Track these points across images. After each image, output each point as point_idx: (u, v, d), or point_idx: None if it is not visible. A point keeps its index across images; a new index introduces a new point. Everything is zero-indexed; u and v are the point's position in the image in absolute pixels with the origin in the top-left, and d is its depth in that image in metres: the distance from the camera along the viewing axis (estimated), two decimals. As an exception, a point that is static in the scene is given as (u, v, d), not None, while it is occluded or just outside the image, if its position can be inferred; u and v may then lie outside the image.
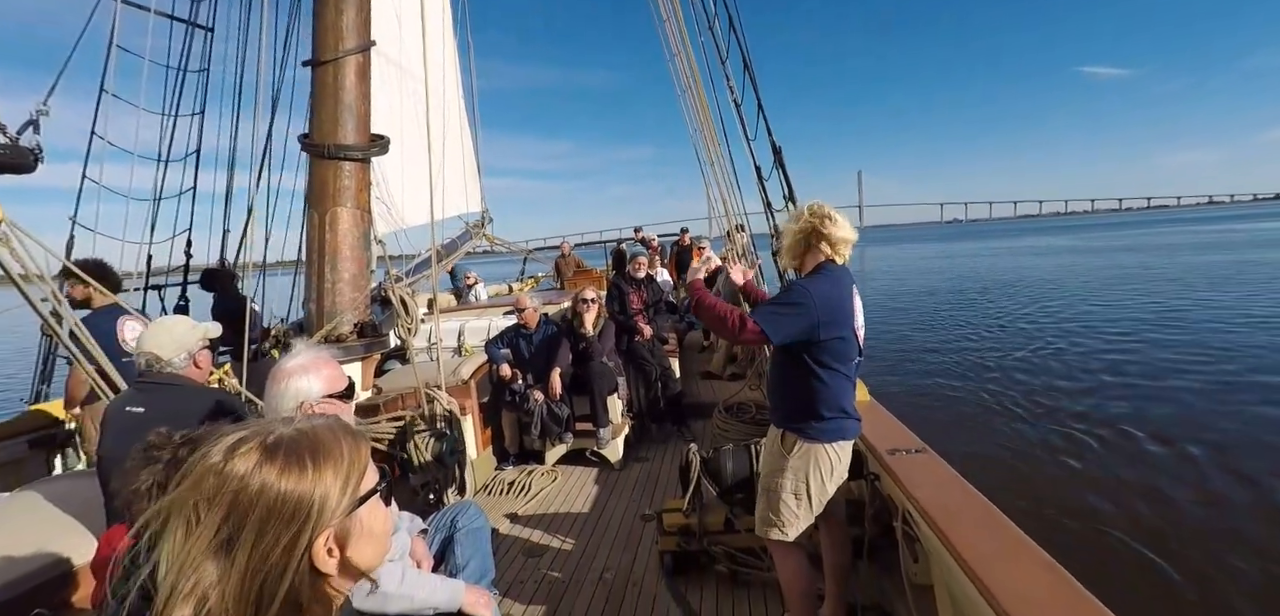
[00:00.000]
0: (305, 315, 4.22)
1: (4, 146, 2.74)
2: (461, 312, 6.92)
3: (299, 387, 1.73)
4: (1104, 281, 20.98)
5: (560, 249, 11.88)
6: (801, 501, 2.25)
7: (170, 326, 2.27)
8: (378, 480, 0.81)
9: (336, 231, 3.88)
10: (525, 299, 5.08)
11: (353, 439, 0.78)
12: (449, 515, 2.24)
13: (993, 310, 16.18)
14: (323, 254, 3.90)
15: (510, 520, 3.80)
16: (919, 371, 10.09)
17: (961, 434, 6.90)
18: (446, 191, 6.78)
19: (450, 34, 7.52)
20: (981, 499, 2.10)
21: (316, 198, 3.89)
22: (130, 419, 2.07)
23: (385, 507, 0.82)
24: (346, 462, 0.75)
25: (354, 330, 4.05)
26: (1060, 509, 4.98)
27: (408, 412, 3.67)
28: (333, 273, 3.91)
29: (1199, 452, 5.95)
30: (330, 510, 0.72)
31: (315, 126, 3.85)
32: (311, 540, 0.71)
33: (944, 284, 24.78)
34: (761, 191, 4.78)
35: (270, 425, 0.75)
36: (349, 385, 1.87)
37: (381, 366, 4.84)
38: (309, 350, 1.85)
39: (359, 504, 0.76)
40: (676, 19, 4.96)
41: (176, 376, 2.18)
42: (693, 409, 5.54)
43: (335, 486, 0.73)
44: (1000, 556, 1.74)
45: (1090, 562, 4.11)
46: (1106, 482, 5.42)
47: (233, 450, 0.71)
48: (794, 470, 2.24)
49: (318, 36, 3.81)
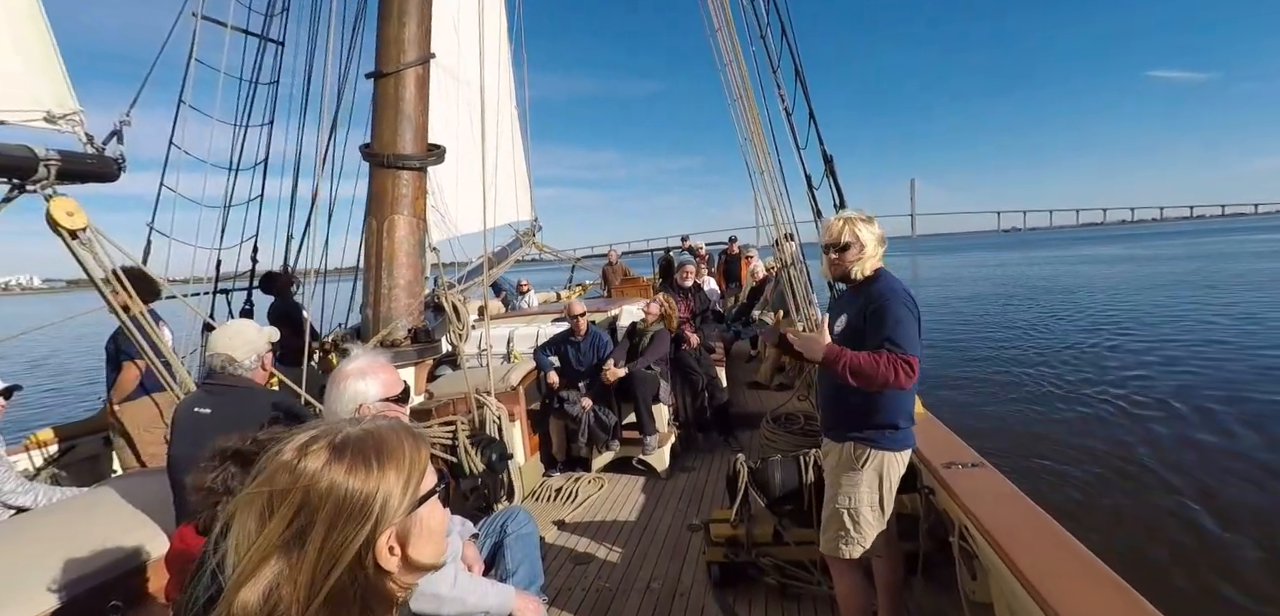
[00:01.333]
0: (362, 320, 4.37)
1: (92, 156, 2.93)
2: (511, 319, 7.03)
3: (357, 390, 1.78)
4: (1165, 291, 19.99)
5: (607, 257, 11.96)
6: (877, 514, 2.21)
7: (243, 330, 2.38)
8: (436, 481, 0.83)
9: (393, 238, 4.00)
10: (577, 305, 5.12)
11: (414, 440, 0.80)
12: (499, 520, 2.26)
13: (1049, 321, 15.65)
14: (380, 260, 4.02)
15: (557, 527, 3.81)
16: (973, 383, 9.72)
17: (1020, 448, 6.59)
18: (499, 200, 6.92)
19: (505, 46, 7.69)
20: (1044, 515, 2.02)
21: (375, 205, 4.03)
22: (198, 419, 2.17)
23: (443, 508, 0.83)
24: (408, 463, 0.77)
25: (408, 335, 4.16)
26: (1135, 530, 4.69)
27: (458, 418, 3.74)
28: (389, 279, 4.03)
29: None
30: (393, 508, 0.74)
31: (376, 136, 3.99)
32: (376, 537, 0.72)
33: (995, 292, 24.07)
34: (811, 200, 4.69)
35: (337, 425, 0.77)
36: (405, 389, 1.91)
37: (434, 371, 4.96)
38: (367, 354, 1.91)
39: (419, 503, 0.78)
40: (728, 28, 4.93)
41: (242, 378, 2.28)
42: (740, 419, 5.47)
43: (397, 485, 0.75)
44: (1065, 574, 1.67)
45: (1165, 585, 3.88)
46: (1180, 502, 5.08)
47: (304, 448, 0.73)
48: (869, 483, 2.19)
49: (380, 50, 3.95)
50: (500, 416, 3.80)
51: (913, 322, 2.09)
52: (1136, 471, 5.84)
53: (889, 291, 2.15)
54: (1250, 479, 5.49)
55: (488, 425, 3.73)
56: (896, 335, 2.03)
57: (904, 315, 2.07)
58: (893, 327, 2.05)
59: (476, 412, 3.71)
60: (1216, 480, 5.49)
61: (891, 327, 2.05)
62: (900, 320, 2.06)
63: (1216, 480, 5.49)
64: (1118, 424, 7.20)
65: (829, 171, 4.62)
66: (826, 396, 2.33)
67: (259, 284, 6.04)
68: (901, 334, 2.03)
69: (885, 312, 2.08)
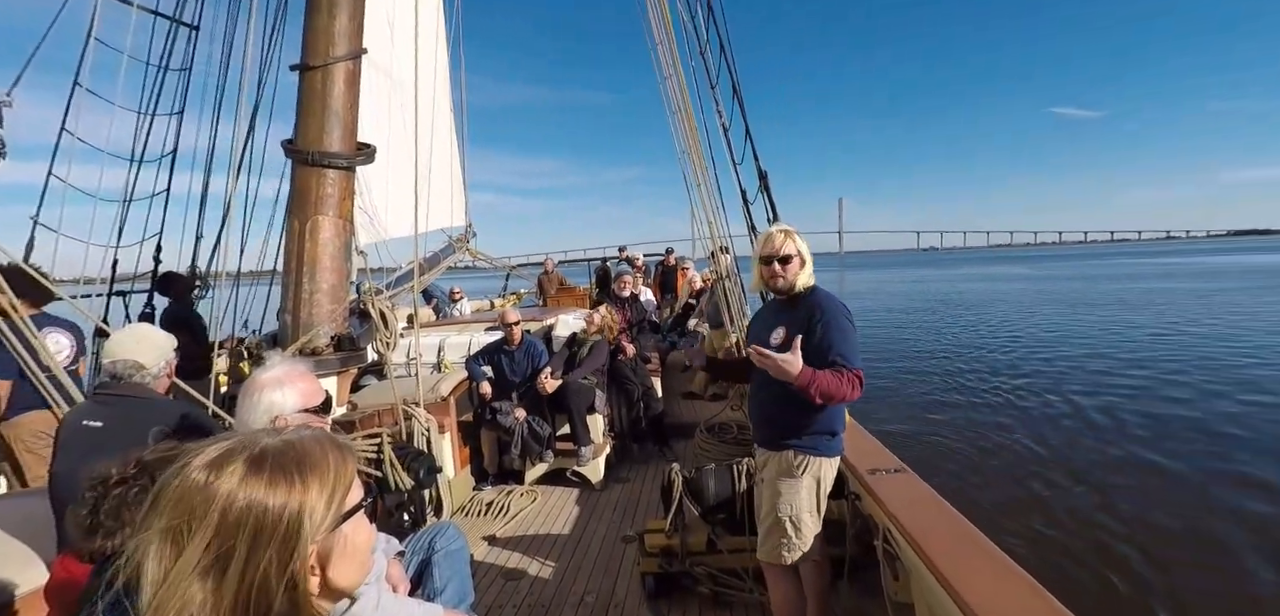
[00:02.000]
0: (280, 326, 4.11)
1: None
2: (442, 327, 6.82)
3: (273, 400, 1.67)
4: (1058, 306, 22.37)
5: (543, 266, 11.83)
6: (815, 519, 2.26)
7: (150, 334, 2.17)
8: (363, 495, 0.77)
9: (317, 241, 3.79)
10: (512, 313, 5.02)
11: (339, 451, 0.75)
12: (426, 536, 2.16)
13: (961, 332, 17.06)
14: (301, 263, 3.81)
15: (488, 542, 3.71)
16: (896, 391, 10.29)
17: (938, 452, 7.04)
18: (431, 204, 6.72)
19: (443, 47, 7.50)
20: (960, 517, 2.14)
21: (298, 205, 3.80)
22: (88, 434, 1.95)
23: (369, 525, 0.78)
24: (333, 475, 0.72)
25: (331, 343, 3.95)
26: (1040, 526, 5.08)
27: (384, 430, 3.58)
28: (311, 283, 3.81)
29: (1166, 463, 6.31)
30: (316, 525, 0.69)
31: (300, 132, 3.78)
32: (298, 556, 0.67)
33: (917, 306, 25.68)
34: (746, 214, 4.80)
35: (254, 437, 0.71)
36: (326, 399, 1.81)
37: (358, 381, 4.73)
38: (285, 362, 1.79)
39: (345, 519, 0.73)
40: (669, 43, 5.00)
41: (143, 388, 2.08)
42: (675, 429, 5.51)
43: (321, 500, 0.69)
44: (980, 573, 1.76)
45: (1065, 577, 4.22)
46: (1077, 498, 5.58)
47: (217, 465, 0.67)
48: (808, 489, 2.24)
49: (307, 41, 3.75)
50: (429, 428, 3.67)
51: (855, 335, 2.17)
52: (1036, 468, 6.38)
53: (832, 307, 2.20)
54: (1132, 473, 6.17)
55: (416, 437, 3.59)
56: (846, 350, 2.11)
57: (849, 329, 2.16)
58: (842, 343, 2.12)
59: (404, 424, 3.56)
60: (1103, 474, 6.13)
61: (841, 343, 2.12)
62: (847, 335, 2.14)
63: (1103, 474, 6.13)
64: (1020, 427, 7.85)
65: (763, 187, 4.74)
66: (763, 407, 2.36)
67: (154, 285, 5.56)
68: (850, 348, 2.12)
69: (832, 328, 2.14)
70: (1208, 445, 6.80)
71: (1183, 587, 4.20)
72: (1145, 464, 6.37)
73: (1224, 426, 7.36)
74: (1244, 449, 6.61)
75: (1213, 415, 7.82)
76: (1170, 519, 5.11)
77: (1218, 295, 23.05)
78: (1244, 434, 7.08)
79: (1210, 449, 6.67)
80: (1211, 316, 17.17)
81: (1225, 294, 23.41)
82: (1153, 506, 5.35)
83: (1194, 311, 18.45)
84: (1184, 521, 5.06)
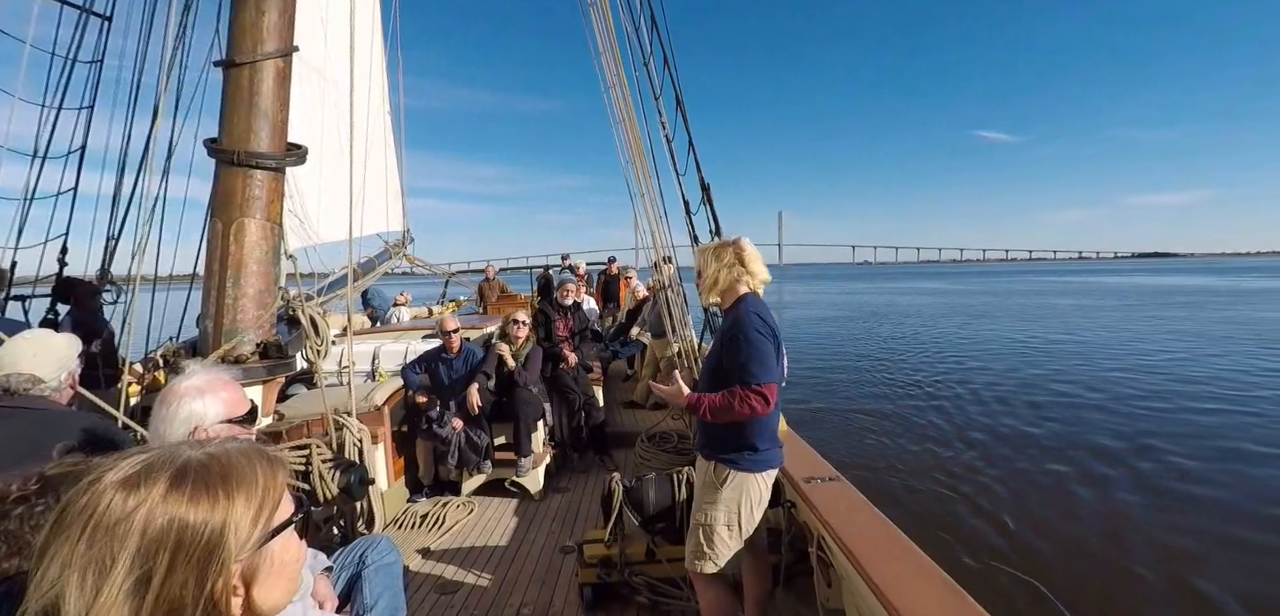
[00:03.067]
0: (200, 333, 3.90)
1: None
2: (378, 335, 6.61)
3: (193, 411, 1.58)
4: (977, 318, 24.75)
5: (484, 272, 11.62)
6: (733, 532, 2.27)
7: (50, 341, 2.00)
8: (293, 510, 0.74)
9: (242, 244, 3.61)
10: (451, 320, 4.92)
11: (268, 464, 0.72)
12: (357, 550, 2.10)
13: (891, 341, 18.39)
14: (225, 267, 3.62)
15: (423, 555, 3.62)
16: (831, 398, 10.73)
17: (872, 459, 7.37)
18: (366, 208, 6.51)
19: (379, 47, 7.29)
20: (889, 524, 2.21)
21: (222, 206, 3.62)
22: None
23: (299, 541, 0.76)
24: (262, 489, 0.69)
25: (256, 350, 3.77)
26: (961, 532, 5.38)
27: (313, 440, 3.44)
28: (235, 288, 3.63)
29: (1081, 463, 6.99)
30: (241, 543, 0.65)
31: (226, 131, 3.60)
32: (219, 576, 0.64)
33: (852, 317, 27.07)
34: (689, 225, 4.88)
35: (175, 450, 0.68)
36: (251, 408, 1.73)
37: (285, 391, 4.53)
38: (206, 370, 1.71)
39: (273, 535, 0.70)
40: (613, 53, 5.03)
41: (42, 400, 1.93)
42: (616, 438, 5.52)
43: (247, 517, 0.66)
44: (907, 579, 1.84)
45: (986, 581, 4.49)
46: (1000, 505, 5.95)
47: (134, 481, 0.63)
48: (727, 502, 2.25)
49: (234, 36, 3.57)
50: (362, 438, 3.55)
51: (766, 347, 2.16)
52: (957, 469, 6.86)
53: (744, 322, 2.21)
54: (1042, 474, 6.75)
55: (347, 448, 3.46)
56: (749, 365, 2.12)
57: (757, 343, 2.15)
58: (746, 358, 2.14)
59: (334, 434, 3.44)
60: (1016, 479, 6.61)
61: (744, 358, 2.14)
62: (753, 351, 2.14)
63: (1016, 479, 6.61)
64: (938, 429, 8.48)
65: (706, 198, 4.84)
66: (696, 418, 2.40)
67: (53, 291, 5.15)
68: (754, 363, 2.12)
69: (737, 344, 2.17)
70: (1075, 438, 7.92)
71: (1061, 569, 4.74)
72: (1042, 456, 7.27)
73: (1093, 419, 8.77)
74: (1108, 438, 7.82)
75: (1081, 414, 9.15)
76: (1046, 508, 5.89)
77: (1100, 311, 26.39)
78: (1107, 426, 8.35)
79: (1077, 442, 7.73)
80: (1089, 329, 19.83)
81: (1104, 311, 26.55)
82: (1027, 497, 6.13)
83: (1076, 323, 21.77)
84: (1058, 508, 5.87)
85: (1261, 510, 5.61)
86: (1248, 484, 6.26)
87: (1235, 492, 6.06)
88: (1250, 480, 6.35)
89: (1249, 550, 4.91)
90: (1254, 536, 5.11)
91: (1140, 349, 15.05)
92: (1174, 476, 6.52)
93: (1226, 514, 5.58)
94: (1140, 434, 7.93)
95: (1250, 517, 5.46)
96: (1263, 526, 5.27)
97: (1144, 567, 4.73)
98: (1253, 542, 5.02)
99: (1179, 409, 9.16)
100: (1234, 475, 6.48)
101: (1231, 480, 6.34)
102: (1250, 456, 7.00)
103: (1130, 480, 6.46)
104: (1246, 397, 9.65)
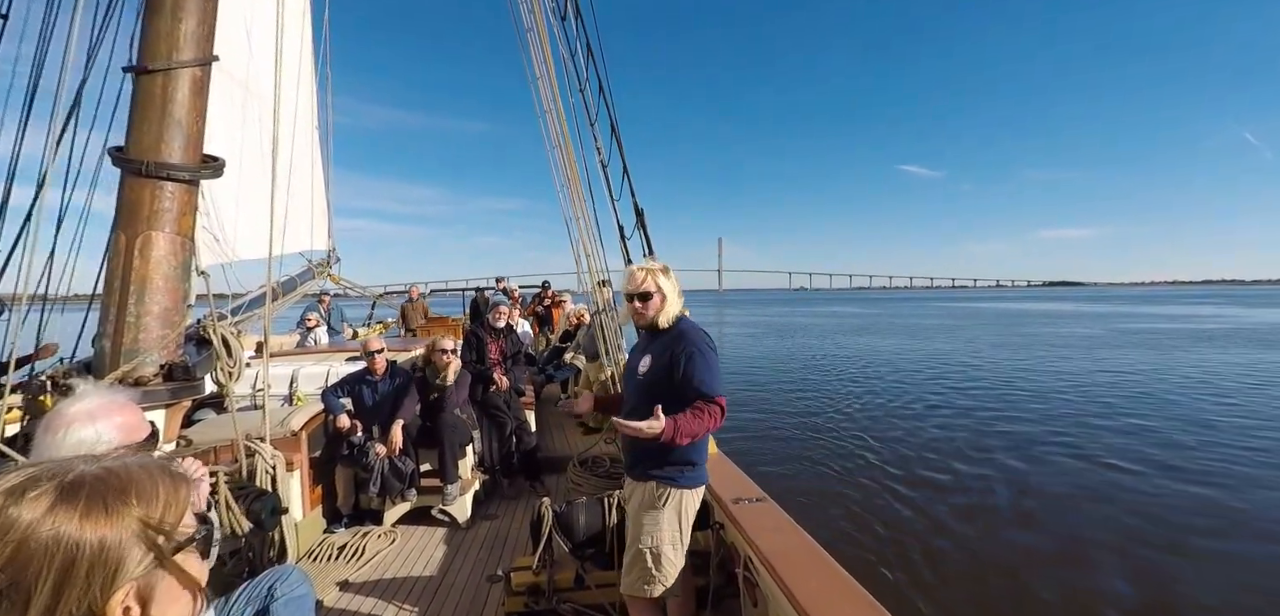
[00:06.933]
0: (96, 353, 3.61)
1: None
2: (297, 356, 6.31)
3: (83, 437, 1.47)
4: (901, 341, 26.86)
5: (408, 294, 11.27)
6: (678, 550, 2.30)
7: None
8: (196, 528, 0.71)
9: (149, 259, 3.39)
10: (375, 342, 4.75)
11: (171, 479, 0.69)
12: (264, 583, 1.99)
13: (820, 363, 19.29)
14: (128, 283, 3.37)
15: (340, 588, 3.46)
16: (759, 420, 11.02)
17: (799, 479, 7.63)
18: (289, 225, 6.25)
19: (308, 61, 7.06)
20: (814, 544, 2.28)
21: (127, 219, 3.38)
22: None
23: (201, 562, 0.73)
24: (162, 504, 0.65)
25: (160, 372, 3.52)
26: (884, 549, 5.63)
27: (221, 468, 3.24)
28: (138, 305, 3.39)
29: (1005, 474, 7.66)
30: (136, 559, 0.62)
31: (133, 140, 3.38)
32: (110, 595, 0.60)
33: (784, 343, 27.99)
34: (623, 249, 4.95)
35: (67, 463, 0.64)
36: (152, 433, 1.64)
37: (192, 416, 4.25)
38: (100, 392, 1.60)
39: (174, 552, 0.66)
40: (549, 78, 5.07)
41: None
42: (548, 463, 5.45)
43: (143, 532, 0.63)
44: (831, 598, 1.90)
45: (908, 597, 4.69)
46: (921, 521, 6.30)
47: (18, 492, 0.59)
48: (670, 522, 2.28)
49: (147, 43, 3.38)
50: (275, 465, 3.37)
51: (716, 361, 2.28)
52: (881, 489, 7.18)
53: (694, 338, 2.30)
54: (959, 487, 7.25)
55: (258, 475, 3.29)
56: (708, 379, 2.21)
57: (711, 357, 2.26)
58: (703, 372, 2.22)
59: (245, 461, 3.26)
60: (937, 493, 7.01)
61: (702, 372, 2.22)
62: (709, 365, 2.24)
63: (937, 493, 7.01)
64: (870, 450, 8.81)
65: (640, 224, 4.92)
66: (629, 439, 2.39)
67: None
68: (712, 377, 2.22)
69: (694, 359, 2.24)
70: (984, 444, 8.88)
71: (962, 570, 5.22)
72: (956, 470, 7.89)
73: (998, 428, 9.94)
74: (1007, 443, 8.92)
75: (984, 423, 10.39)
76: (955, 518, 6.36)
77: (1011, 334, 29.18)
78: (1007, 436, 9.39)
79: (986, 448, 8.67)
80: (996, 350, 22.09)
81: (1014, 334, 29.22)
82: (946, 505, 6.67)
83: (984, 344, 24.33)
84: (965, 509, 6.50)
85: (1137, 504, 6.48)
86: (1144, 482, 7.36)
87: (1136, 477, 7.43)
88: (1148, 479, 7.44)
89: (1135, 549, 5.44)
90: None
91: (1044, 367, 17.01)
92: (1083, 466, 7.72)
93: (1129, 504, 6.61)
94: (1035, 438, 9.11)
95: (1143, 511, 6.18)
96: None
97: (1051, 573, 5.13)
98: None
99: (1087, 418, 10.64)
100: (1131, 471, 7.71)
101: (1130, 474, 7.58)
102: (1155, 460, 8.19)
103: (1036, 479, 7.40)
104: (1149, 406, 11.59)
